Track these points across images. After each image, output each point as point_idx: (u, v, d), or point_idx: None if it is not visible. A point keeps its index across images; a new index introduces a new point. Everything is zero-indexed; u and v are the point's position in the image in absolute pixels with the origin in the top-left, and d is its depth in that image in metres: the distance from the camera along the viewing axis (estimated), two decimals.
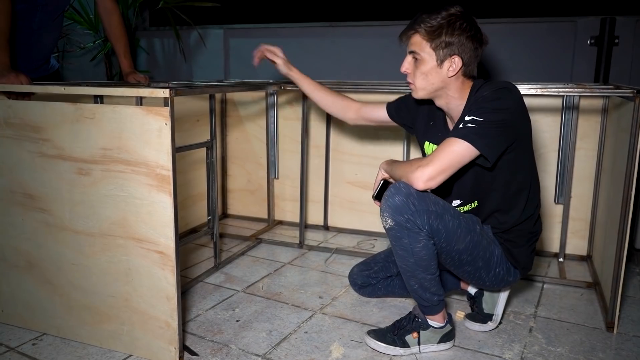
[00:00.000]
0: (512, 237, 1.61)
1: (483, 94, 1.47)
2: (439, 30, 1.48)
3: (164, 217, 1.46)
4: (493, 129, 1.42)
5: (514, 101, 1.47)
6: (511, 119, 1.45)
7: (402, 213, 1.44)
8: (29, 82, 1.81)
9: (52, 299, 1.68)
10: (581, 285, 2.15)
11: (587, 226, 2.43)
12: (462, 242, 1.52)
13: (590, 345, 1.67)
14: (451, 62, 1.50)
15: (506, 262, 1.62)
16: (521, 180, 1.58)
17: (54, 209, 1.61)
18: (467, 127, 1.42)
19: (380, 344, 1.60)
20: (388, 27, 3.32)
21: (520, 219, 1.60)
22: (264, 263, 2.40)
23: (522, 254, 1.63)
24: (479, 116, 1.42)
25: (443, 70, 1.51)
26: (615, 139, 2.05)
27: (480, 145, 1.41)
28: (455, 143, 1.41)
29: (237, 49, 3.75)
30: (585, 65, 2.92)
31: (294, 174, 2.89)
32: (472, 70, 1.54)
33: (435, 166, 1.41)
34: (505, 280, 1.65)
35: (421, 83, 1.55)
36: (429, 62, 1.51)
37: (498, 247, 1.61)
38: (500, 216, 1.61)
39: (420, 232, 1.46)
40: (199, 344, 1.65)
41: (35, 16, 2.12)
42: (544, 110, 2.41)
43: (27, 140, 1.61)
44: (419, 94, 1.58)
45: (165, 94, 1.43)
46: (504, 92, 1.47)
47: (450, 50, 1.49)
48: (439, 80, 1.53)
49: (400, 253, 1.51)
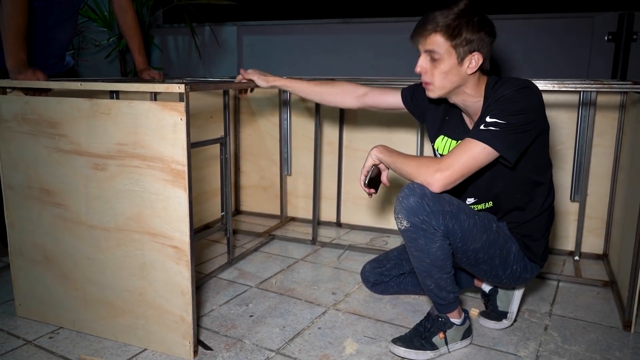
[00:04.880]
0: (529, 231, 1.60)
1: (504, 93, 1.44)
2: (459, 28, 1.44)
3: (179, 212, 1.47)
4: (515, 131, 1.40)
5: (535, 101, 1.45)
6: (532, 119, 1.43)
7: (417, 214, 1.43)
8: (45, 79, 1.83)
9: (68, 293, 1.70)
10: (597, 283, 2.12)
11: (603, 224, 2.40)
12: (478, 241, 1.51)
13: (607, 344, 1.65)
14: (471, 59, 1.47)
15: (523, 259, 1.61)
16: (539, 175, 1.56)
17: (70, 204, 1.63)
18: (489, 129, 1.40)
19: (411, 351, 1.57)
20: (402, 24, 3.30)
21: (537, 212, 1.59)
22: (277, 259, 2.40)
23: (539, 247, 1.62)
24: (501, 118, 1.40)
25: (463, 68, 1.48)
26: (633, 136, 2.02)
27: (502, 148, 1.40)
28: (476, 146, 1.40)
29: (250, 46, 3.76)
30: (603, 62, 2.89)
31: (307, 170, 2.89)
32: (487, 65, 1.52)
33: (455, 170, 1.40)
34: (523, 277, 1.63)
35: (441, 82, 1.51)
36: (448, 60, 1.47)
37: (515, 244, 1.59)
38: (517, 213, 1.59)
39: (436, 232, 1.44)
40: (213, 339, 1.66)
41: (51, 13, 2.14)
42: (561, 107, 2.38)
43: (44, 136, 1.62)
44: (436, 93, 1.54)
45: (180, 89, 1.44)
46: (526, 91, 1.44)
47: (471, 47, 1.46)
48: (459, 78, 1.50)
49: (416, 254, 1.50)
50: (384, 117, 2.67)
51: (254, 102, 3.00)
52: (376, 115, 2.69)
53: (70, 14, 2.22)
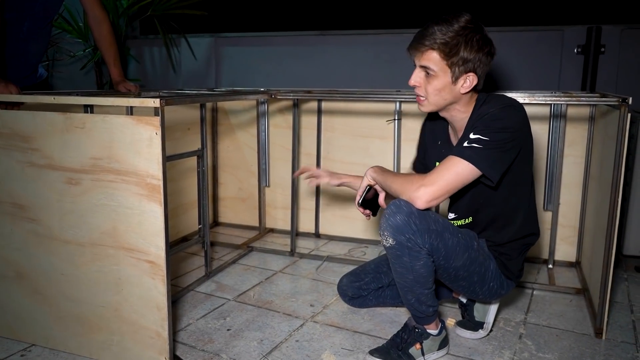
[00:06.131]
0: (506, 250, 1.62)
1: (489, 111, 1.45)
2: (457, 48, 1.42)
3: (154, 226, 1.46)
4: (498, 149, 1.42)
5: (519, 120, 1.46)
6: (516, 137, 1.45)
7: (403, 232, 1.42)
8: (18, 92, 1.81)
9: (42, 309, 1.67)
10: (570, 291, 2.16)
11: (576, 232, 2.46)
12: (460, 259, 1.52)
13: (579, 352, 1.68)
14: (466, 79, 1.46)
15: (500, 276, 1.63)
16: (520, 196, 1.59)
17: (43, 218, 1.60)
18: (472, 147, 1.41)
19: None
20: (378, 36, 3.34)
21: (515, 235, 1.61)
22: (255, 271, 2.39)
23: (515, 265, 1.65)
24: (485, 135, 1.41)
25: (457, 86, 1.48)
26: (602, 146, 2.08)
27: (484, 167, 1.41)
28: (459, 163, 1.41)
29: (227, 57, 3.76)
30: (573, 73, 2.96)
31: (285, 181, 2.89)
32: (481, 84, 1.52)
33: (439, 187, 1.40)
34: (498, 293, 1.66)
35: (433, 98, 1.50)
36: (443, 78, 1.46)
37: (493, 262, 1.62)
38: (495, 231, 1.62)
39: (421, 251, 1.45)
40: (190, 354, 1.64)
41: (24, 25, 2.12)
42: (532, 118, 2.40)
43: (16, 150, 1.60)
44: (428, 108, 1.54)
45: (155, 104, 1.43)
46: (511, 110, 1.46)
47: (467, 67, 1.44)
48: (451, 96, 1.50)
49: (400, 270, 1.50)
50: (361, 127, 2.70)
51: (232, 114, 3.00)
52: (353, 125, 2.71)
53: (43, 25, 2.20)
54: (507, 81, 3.07)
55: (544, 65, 3.02)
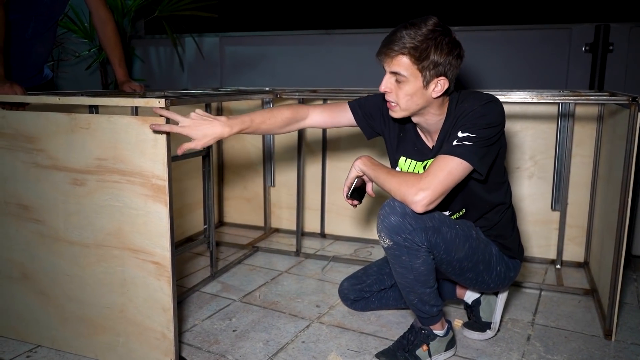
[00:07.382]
0: (500, 231, 1.63)
1: (473, 108, 1.45)
2: (427, 52, 1.40)
3: (159, 227, 1.45)
4: (487, 145, 1.43)
5: (500, 114, 1.48)
6: (498, 131, 1.47)
7: (399, 233, 1.42)
8: (23, 93, 1.81)
9: (47, 310, 1.66)
10: (578, 292, 2.14)
11: (583, 233, 2.43)
12: (461, 251, 1.52)
13: (589, 353, 1.66)
14: (437, 83, 1.44)
15: (503, 258, 1.64)
16: (498, 179, 1.59)
17: (48, 219, 1.60)
18: (463, 144, 1.41)
19: None
20: (384, 35, 3.32)
21: (502, 212, 1.63)
22: (260, 271, 2.38)
23: (513, 242, 1.66)
24: (473, 132, 1.41)
25: (428, 91, 1.45)
26: (611, 146, 2.06)
27: (477, 162, 1.41)
28: (451, 161, 1.40)
29: (233, 57, 3.75)
30: (580, 72, 2.94)
31: (290, 181, 2.88)
32: (452, 87, 1.50)
33: (437, 189, 1.38)
34: (508, 276, 1.66)
35: (405, 104, 1.47)
36: (414, 83, 1.44)
37: (494, 246, 1.62)
38: (487, 216, 1.62)
39: (420, 249, 1.44)
40: (196, 355, 1.64)
41: (29, 26, 2.12)
42: (540, 118, 2.41)
43: (21, 151, 1.60)
44: (400, 114, 1.51)
45: (160, 104, 1.43)
46: (492, 106, 1.47)
47: (438, 70, 1.42)
48: (423, 100, 1.47)
49: (399, 270, 1.50)
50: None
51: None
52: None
53: (48, 26, 2.20)
54: (515, 80, 3.04)
55: (552, 63, 3.00)
